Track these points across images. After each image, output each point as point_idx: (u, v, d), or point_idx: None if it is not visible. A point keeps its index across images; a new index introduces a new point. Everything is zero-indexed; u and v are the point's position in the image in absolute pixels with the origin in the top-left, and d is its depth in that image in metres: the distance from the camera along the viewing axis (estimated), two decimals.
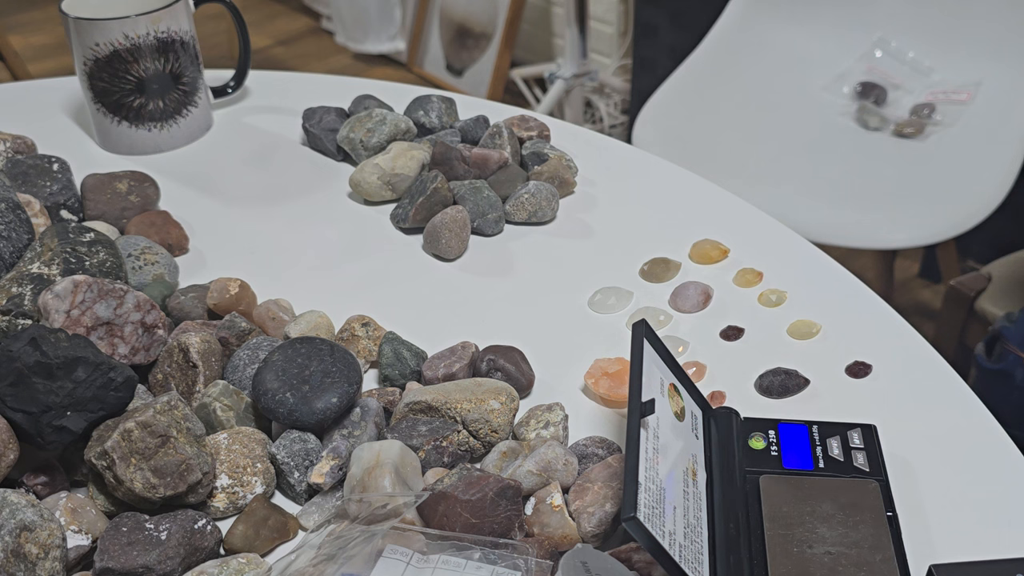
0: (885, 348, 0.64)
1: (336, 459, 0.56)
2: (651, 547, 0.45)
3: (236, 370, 0.62)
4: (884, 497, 0.51)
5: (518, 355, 0.63)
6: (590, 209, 0.80)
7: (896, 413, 0.60)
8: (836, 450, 0.54)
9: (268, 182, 0.85)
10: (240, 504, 0.56)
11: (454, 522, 0.51)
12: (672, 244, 0.75)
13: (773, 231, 0.76)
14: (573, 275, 0.73)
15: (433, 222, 0.75)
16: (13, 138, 0.82)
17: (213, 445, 0.56)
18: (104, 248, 0.66)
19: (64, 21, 0.84)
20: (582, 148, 0.86)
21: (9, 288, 0.61)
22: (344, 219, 0.80)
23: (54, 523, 0.50)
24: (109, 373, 0.54)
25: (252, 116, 0.95)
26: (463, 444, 0.58)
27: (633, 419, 0.49)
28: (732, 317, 0.68)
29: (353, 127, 0.84)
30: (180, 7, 0.85)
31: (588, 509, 0.53)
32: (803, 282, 0.71)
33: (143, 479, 0.52)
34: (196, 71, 0.89)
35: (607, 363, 0.63)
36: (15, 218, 0.67)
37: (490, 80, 2.43)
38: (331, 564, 0.47)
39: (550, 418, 0.59)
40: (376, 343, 0.65)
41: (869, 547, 0.48)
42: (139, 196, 0.78)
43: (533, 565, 0.49)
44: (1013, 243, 1.36)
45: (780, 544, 0.49)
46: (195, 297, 0.68)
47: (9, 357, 0.53)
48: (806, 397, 0.62)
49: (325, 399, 0.57)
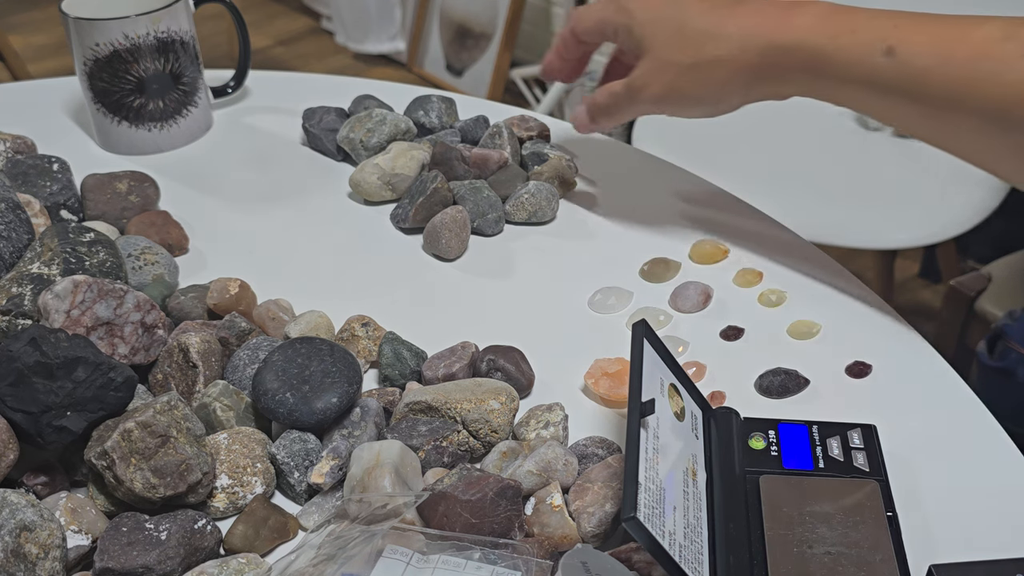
0: (885, 348, 0.64)
1: (336, 459, 0.56)
2: (651, 547, 0.45)
3: (236, 370, 0.62)
4: (884, 497, 0.51)
5: (518, 355, 0.63)
6: (590, 209, 0.80)
7: (896, 413, 0.60)
8: (836, 450, 0.54)
9: (268, 182, 0.85)
10: (240, 504, 0.56)
11: (454, 522, 0.51)
12: (672, 244, 0.75)
13: (773, 231, 0.76)
14: (573, 275, 0.73)
15: (433, 222, 0.75)
16: (13, 138, 0.82)
17: (213, 445, 0.56)
18: (104, 248, 0.66)
19: (64, 21, 0.84)
20: (582, 148, 0.86)
21: (9, 288, 0.61)
22: (344, 219, 0.80)
23: (54, 523, 0.50)
24: (109, 373, 0.54)
25: (252, 116, 0.95)
26: (463, 444, 0.58)
27: (633, 419, 0.49)
28: (732, 317, 0.68)
29: (353, 127, 0.84)
30: (180, 7, 0.85)
31: (588, 509, 0.53)
32: (803, 282, 0.71)
33: (143, 479, 0.52)
34: (196, 71, 0.89)
35: (607, 363, 0.63)
36: (15, 218, 0.67)
37: (490, 80, 2.43)
38: (331, 564, 0.47)
39: (550, 418, 0.59)
40: (376, 343, 0.65)
41: (869, 547, 0.48)
42: (139, 196, 0.78)
43: (533, 565, 0.49)
44: (1013, 243, 1.36)
45: (780, 544, 0.49)
46: (195, 297, 0.68)
47: (9, 357, 0.53)
48: (806, 397, 0.62)
49: (325, 399, 0.57)
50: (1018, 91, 0.54)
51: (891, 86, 0.59)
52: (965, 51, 0.56)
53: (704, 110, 0.68)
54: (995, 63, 0.55)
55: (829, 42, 0.60)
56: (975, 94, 0.56)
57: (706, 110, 0.68)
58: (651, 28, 0.66)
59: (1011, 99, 0.55)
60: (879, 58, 0.58)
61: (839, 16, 0.60)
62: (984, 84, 0.55)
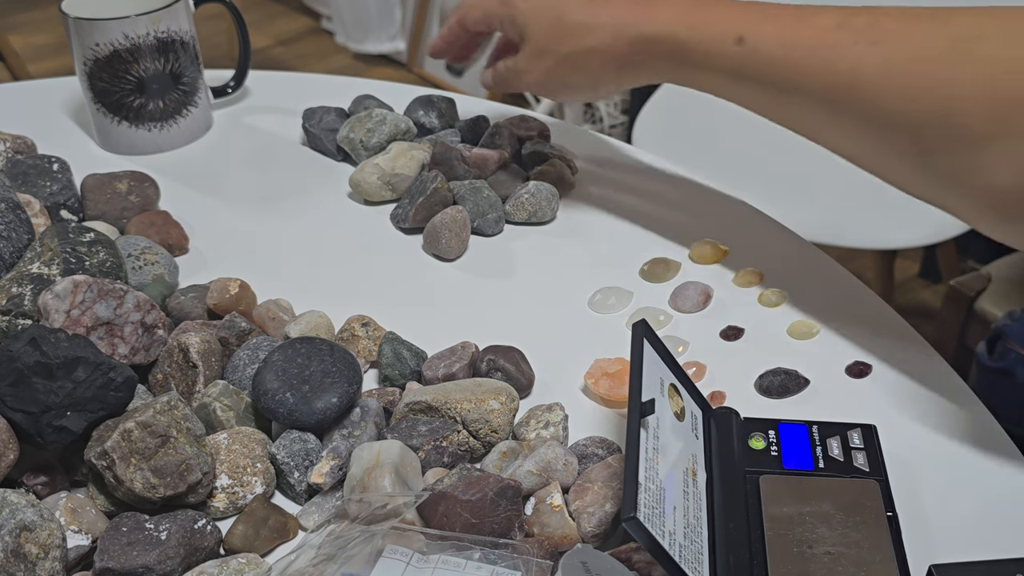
0: (885, 348, 0.64)
1: (336, 459, 0.56)
2: (651, 547, 0.45)
3: (236, 370, 0.62)
4: (884, 497, 0.51)
5: (518, 355, 0.63)
6: (590, 209, 0.80)
7: (896, 413, 0.60)
8: (836, 450, 0.54)
9: (268, 182, 0.85)
10: (240, 504, 0.56)
11: (454, 522, 0.51)
12: (672, 244, 0.75)
13: (773, 231, 0.76)
14: (573, 275, 0.73)
15: (433, 222, 0.75)
16: (13, 138, 0.82)
17: (213, 445, 0.56)
18: (104, 248, 0.66)
19: (64, 21, 0.84)
20: (582, 148, 0.86)
21: (9, 288, 0.61)
22: (344, 219, 0.80)
23: (54, 523, 0.50)
24: (109, 373, 0.54)
25: (252, 116, 0.95)
26: (463, 444, 0.58)
27: (633, 419, 0.49)
28: (732, 317, 0.68)
29: (353, 127, 0.84)
30: (180, 7, 0.85)
31: (588, 509, 0.53)
32: (803, 282, 0.71)
33: (143, 479, 0.52)
34: (196, 71, 0.89)
35: (607, 363, 0.63)
36: (15, 218, 0.67)
37: None
38: (331, 564, 0.47)
39: (550, 418, 0.59)
40: (376, 343, 0.65)
41: (869, 547, 0.48)
42: (139, 196, 0.78)
43: (533, 565, 0.49)
44: None
45: (780, 544, 0.49)
46: (195, 297, 0.68)
47: (9, 357, 0.53)
48: (806, 397, 0.62)
49: (325, 399, 0.57)
50: (849, 78, 0.57)
51: (741, 73, 0.62)
52: (804, 39, 0.59)
53: (581, 96, 0.74)
54: (829, 50, 0.57)
55: (689, 32, 0.64)
56: (812, 80, 0.58)
57: (583, 95, 0.74)
58: (532, 17, 0.71)
59: (842, 85, 0.57)
60: (731, 46, 0.62)
61: (699, 7, 0.64)
62: (819, 70, 0.58)
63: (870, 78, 0.55)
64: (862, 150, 0.59)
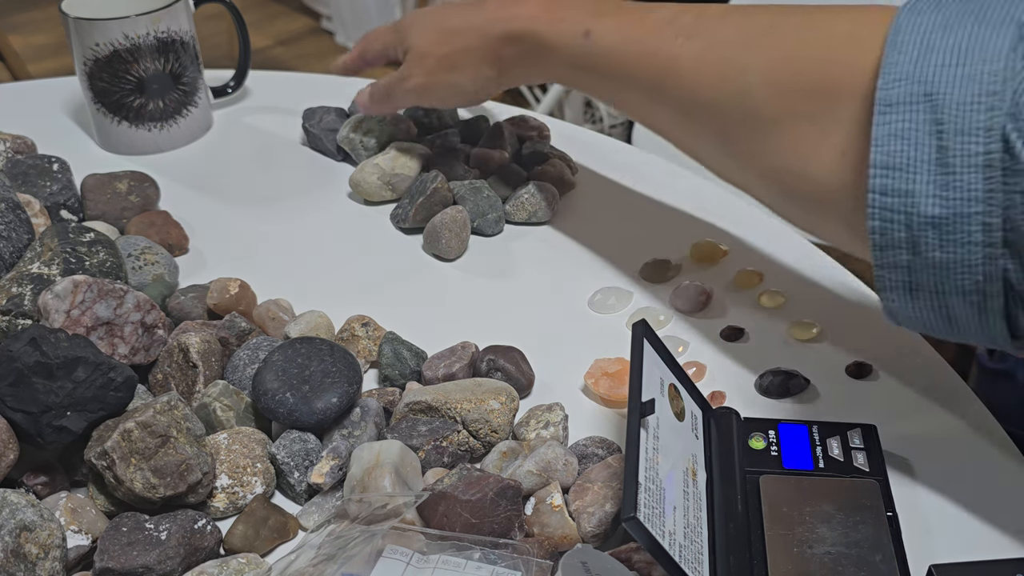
0: (885, 348, 0.64)
1: (336, 459, 0.56)
2: (651, 547, 0.45)
3: (236, 370, 0.62)
4: (884, 497, 0.51)
5: (518, 355, 0.63)
6: (590, 209, 0.80)
7: (896, 413, 0.60)
8: (836, 450, 0.54)
9: (268, 182, 0.85)
10: (240, 504, 0.56)
11: (454, 522, 0.51)
12: (672, 244, 0.75)
13: (773, 231, 0.76)
14: (573, 275, 0.73)
15: (433, 222, 0.75)
16: (13, 138, 0.82)
17: (213, 445, 0.56)
18: (104, 248, 0.66)
19: (64, 21, 0.84)
20: (582, 148, 0.86)
21: (9, 288, 0.61)
22: (344, 219, 0.80)
23: (54, 523, 0.50)
24: (109, 373, 0.54)
25: (252, 116, 0.95)
26: (463, 444, 0.58)
27: (633, 419, 0.49)
28: (732, 317, 0.68)
29: (353, 127, 0.84)
30: (180, 7, 0.85)
31: (588, 509, 0.53)
32: (803, 282, 0.71)
33: (143, 479, 0.52)
34: (196, 71, 0.89)
35: (607, 363, 0.63)
36: (15, 218, 0.67)
37: None
38: (331, 564, 0.47)
39: (550, 418, 0.59)
40: (376, 343, 0.65)
41: (869, 547, 0.48)
42: (139, 196, 0.78)
43: (533, 565, 0.49)
44: None
45: (780, 544, 0.49)
46: (195, 297, 0.68)
47: (9, 357, 0.53)
48: (806, 397, 0.62)
49: (325, 399, 0.57)
50: (667, 69, 0.59)
51: (588, 65, 0.65)
52: (639, 32, 0.61)
53: (464, 98, 0.76)
54: (657, 42, 0.60)
55: (546, 27, 0.66)
56: (639, 71, 0.61)
57: (466, 97, 0.75)
58: (416, 27, 0.76)
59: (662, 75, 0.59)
60: (580, 39, 0.64)
61: (558, 3, 0.67)
62: (647, 61, 0.60)
63: (685, 70, 0.58)
64: (683, 137, 0.62)
